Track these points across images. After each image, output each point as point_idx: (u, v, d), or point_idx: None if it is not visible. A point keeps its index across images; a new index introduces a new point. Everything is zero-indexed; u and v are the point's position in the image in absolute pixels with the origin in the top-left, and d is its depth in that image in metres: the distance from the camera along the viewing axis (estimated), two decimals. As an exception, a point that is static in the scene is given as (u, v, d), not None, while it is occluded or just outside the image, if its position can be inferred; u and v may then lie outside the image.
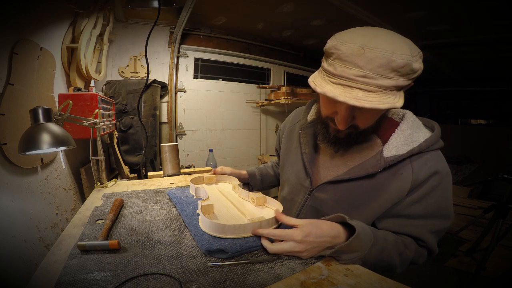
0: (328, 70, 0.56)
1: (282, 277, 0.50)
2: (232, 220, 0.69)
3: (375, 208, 0.66)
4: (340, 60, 0.54)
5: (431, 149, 0.63)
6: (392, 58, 0.50)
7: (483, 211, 1.92)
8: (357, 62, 0.51)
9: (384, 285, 0.48)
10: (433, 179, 0.62)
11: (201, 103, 3.07)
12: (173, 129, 2.87)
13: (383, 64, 0.51)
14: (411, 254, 0.64)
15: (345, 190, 0.68)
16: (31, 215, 1.04)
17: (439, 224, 0.64)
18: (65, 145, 0.83)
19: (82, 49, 1.56)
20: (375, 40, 0.52)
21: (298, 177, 0.79)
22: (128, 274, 0.50)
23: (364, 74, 0.51)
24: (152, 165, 2.63)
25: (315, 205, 0.74)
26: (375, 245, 0.58)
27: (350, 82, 0.53)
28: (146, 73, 2.06)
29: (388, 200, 0.64)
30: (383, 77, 0.51)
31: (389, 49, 0.51)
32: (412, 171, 0.62)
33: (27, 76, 1.11)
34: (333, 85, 0.55)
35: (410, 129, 0.65)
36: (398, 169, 0.63)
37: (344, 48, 0.53)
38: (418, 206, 0.63)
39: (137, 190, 1.08)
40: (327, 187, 0.71)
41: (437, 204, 0.63)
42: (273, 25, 2.87)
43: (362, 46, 0.51)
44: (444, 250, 2.23)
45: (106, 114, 1.63)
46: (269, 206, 0.78)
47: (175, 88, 2.85)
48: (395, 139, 0.64)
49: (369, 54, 0.51)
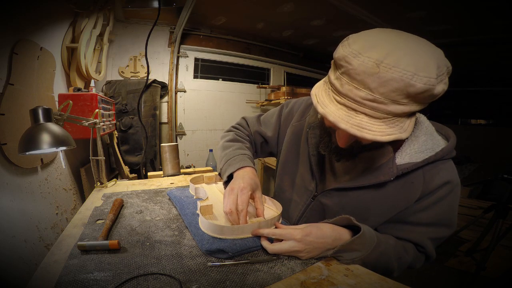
0: (334, 85, 0.50)
1: (282, 277, 0.50)
2: (232, 220, 0.69)
3: (380, 215, 0.64)
4: (349, 76, 0.46)
5: (445, 158, 0.60)
6: (411, 83, 0.42)
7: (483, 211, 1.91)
8: (368, 83, 0.44)
9: (384, 285, 0.48)
10: (443, 189, 0.59)
11: (201, 103, 3.07)
12: (173, 129, 2.87)
13: (399, 88, 0.43)
14: (409, 258, 0.63)
15: (352, 197, 0.65)
16: (31, 215, 1.04)
17: (441, 232, 0.63)
18: (65, 145, 0.83)
19: (82, 49, 1.56)
20: (396, 54, 0.43)
21: (304, 179, 0.76)
22: (128, 274, 0.50)
23: (374, 98, 0.44)
24: (152, 165, 2.63)
25: (318, 209, 0.72)
26: (377, 247, 0.57)
27: (356, 105, 0.46)
28: (146, 73, 2.06)
29: (395, 208, 0.62)
30: (395, 103, 0.44)
31: (410, 69, 0.42)
32: (423, 181, 0.59)
33: (27, 76, 1.11)
34: (336, 105, 0.49)
35: (425, 136, 0.60)
36: (409, 178, 0.60)
37: (355, 63, 0.45)
38: (424, 214, 0.61)
39: (137, 190, 1.08)
40: (332, 193, 0.69)
41: (443, 213, 0.61)
42: (273, 25, 2.87)
43: (378, 63, 0.43)
44: (444, 250, 2.23)
45: (106, 114, 1.63)
46: (269, 206, 0.78)
47: (175, 88, 2.85)
48: (409, 146, 0.60)
49: (384, 74, 0.42)
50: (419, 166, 0.59)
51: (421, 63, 0.43)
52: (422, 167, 0.59)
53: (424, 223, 0.62)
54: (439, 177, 0.59)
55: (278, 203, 0.74)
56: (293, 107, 0.87)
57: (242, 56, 3.26)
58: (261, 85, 3.35)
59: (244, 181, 0.67)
